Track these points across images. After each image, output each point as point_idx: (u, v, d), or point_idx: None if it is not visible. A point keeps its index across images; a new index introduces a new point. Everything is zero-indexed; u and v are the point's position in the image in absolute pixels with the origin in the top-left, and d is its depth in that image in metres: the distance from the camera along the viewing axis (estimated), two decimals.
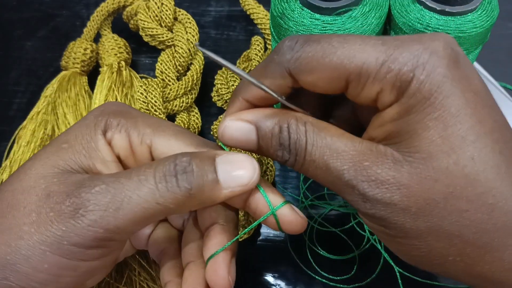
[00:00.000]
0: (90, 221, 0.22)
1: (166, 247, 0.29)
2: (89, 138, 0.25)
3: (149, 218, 0.23)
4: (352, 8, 0.29)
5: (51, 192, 0.22)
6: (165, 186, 0.22)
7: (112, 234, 0.22)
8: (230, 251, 0.26)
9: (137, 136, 0.25)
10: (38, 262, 0.22)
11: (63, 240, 0.22)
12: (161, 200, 0.22)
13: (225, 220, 0.27)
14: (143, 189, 0.22)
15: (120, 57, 0.44)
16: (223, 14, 0.52)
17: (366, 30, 0.29)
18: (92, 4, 0.53)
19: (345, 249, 0.37)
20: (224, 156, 0.24)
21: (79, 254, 0.22)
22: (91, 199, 0.22)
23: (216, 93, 0.42)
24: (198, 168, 0.23)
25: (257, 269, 0.36)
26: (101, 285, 0.34)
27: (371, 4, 0.30)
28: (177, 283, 0.27)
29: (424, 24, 0.29)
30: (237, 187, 0.24)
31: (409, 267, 0.35)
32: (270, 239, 0.38)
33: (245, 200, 0.26)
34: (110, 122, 0.25)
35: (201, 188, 0.23)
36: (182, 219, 0.30)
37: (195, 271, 0.27)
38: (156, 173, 0.23)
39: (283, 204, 0.25)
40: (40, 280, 0.22)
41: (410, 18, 0.30)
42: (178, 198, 0.22)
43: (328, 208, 0.38)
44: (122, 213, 0.22)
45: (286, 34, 0.30)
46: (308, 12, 0.30)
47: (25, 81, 0.48)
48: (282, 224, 0.25)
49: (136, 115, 0.26)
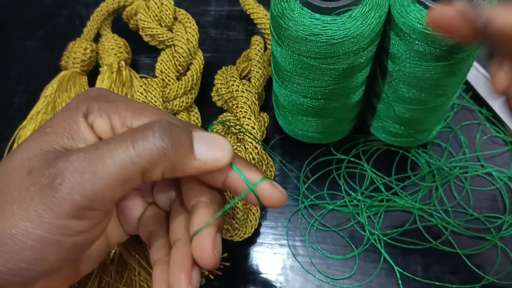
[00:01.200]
0: (67, 189, 0.22)
1: (155, 229, 0.30)
2: (71, 121, 0.25)
3: (125, 182, 0.23)
4: (352, 8, 0.29)
5: (32, 169, 0.23)
6: (142, 144, 0.23)
7: (90, 202, 0.22)
8: (214, 226, 0.26)
9: (118, 119, 0.26)
10: (22, 240, 0.22)
11: (44, 214, 0.22)
12: (136, 159, 0.22)
13: (210, 198, 0.27)
14: (118, 150, 0.22)
15: (120, 57, 0.44)
16: (223, 14, 0.52)
17: (366, 30, 0.29)
18: (92, 4, 0.53)
19: (345, 249, 0.37)
20: (201, 132, 0.25)
21: (61, 228, 0.22)
22: (68, 167, 0.22)
23: (216, 93, 0.42)
24: (175, 132, 0.24)
25: (257, 269, 0.36)
26: (101, 285, 0.34)
27: (371, 4, 0.30)
28: (165, 261, 0.28)
29: (424, 24, 0.29)
30: (210, 160, 0.25)
31: (409, 267, 0.35)
32: (270, 238, 0.38)
33: (223, 181, 0.26)
34: (92, 106, 0.26)
35: (176, 149, 0.23)
36: (169, 200, 0.30)
37: (182, 248, 0.27)
38: (133, 135, 0.23)
39: (262, 180, 0.26)
40: (26, 259, 0.22)
41: (410, 18, 0.30)
42: (153, 156, 0.23)
43: (328, 208, 0.38)
44: (98, 177, 0.22)
45: (286, 34, 0.30)
46: (308, 11, 0.30)
47: (25, 81, 0.48)
48: (263, 199, 0.26)
49: (118, 99, 0.27)
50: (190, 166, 0.24)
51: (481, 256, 0.36)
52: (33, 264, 0.22)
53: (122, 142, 0.23)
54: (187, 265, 0.26)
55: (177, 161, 0.24)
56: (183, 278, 0.26)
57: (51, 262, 0.23)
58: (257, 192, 0.26)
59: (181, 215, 0.29)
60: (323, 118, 0.37)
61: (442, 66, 0.31)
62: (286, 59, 0.32)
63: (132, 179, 0.23)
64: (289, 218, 0.38)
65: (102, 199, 0.23)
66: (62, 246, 0.23)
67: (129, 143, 0.23)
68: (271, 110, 0.43)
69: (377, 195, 0.39)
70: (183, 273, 0.26)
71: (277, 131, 0.43)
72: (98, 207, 0.23)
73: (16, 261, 0.22)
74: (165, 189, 0.30)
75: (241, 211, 0.34)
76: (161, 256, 0.28)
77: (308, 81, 0.33)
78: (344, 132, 0.41)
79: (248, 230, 0.36)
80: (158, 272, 0.27)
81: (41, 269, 0.23)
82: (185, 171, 0.25)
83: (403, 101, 0.35)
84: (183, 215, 0.29)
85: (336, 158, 0.41)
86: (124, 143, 0.23)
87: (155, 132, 0.23)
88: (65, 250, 0.23)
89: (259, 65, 0.42)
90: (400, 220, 0.38)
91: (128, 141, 0.23)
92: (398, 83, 0.34)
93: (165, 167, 0.24)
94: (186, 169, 0.24)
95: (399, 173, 0.40)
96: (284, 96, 0.37)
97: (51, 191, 0.22)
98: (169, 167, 0.24)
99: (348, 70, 0.32)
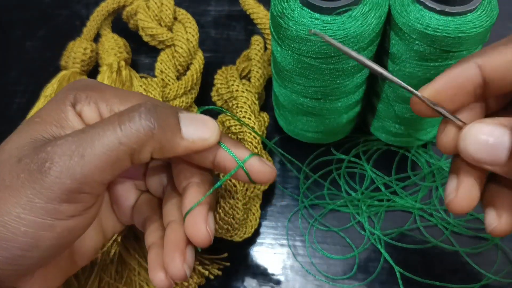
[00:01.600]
0: (57, 173, 0.22)
1: (149, 215, 0.30)
2: (59, 110, 0.25)
3: (114, 163, 0.23)
4: (352, 8, 0.29)
5: (22, 157, 0.23)
6: (128, 125, 0.23)
7: (80, 185, 0.22)
8: (206, 204, 0.27)
9: (105, 107, 0.26)
10: (15, 227, 0.22)
11: (35, 199, 0.22)
12: (124, 140, 0.23)
13: (200, 179, 0.28)
14: (106, 132, 0.23)
15: (120, 56, 0.44)
16: (223, 13, 0.52)
17: (366, 30, 0.29)
18: (92, 4, 0.53)
19: (345, 249, 0.37)
20: (186, 113, 0.25)
21: (53, 212, 0.22)
22: (57, 151, 0.22)
23: (216, 93, 0.42)
24: (161, 112, 0.24)
25: (257, 268, 0.36)
26: (101, 285, 0.34)
27: (370, 4, 0.30)
28: (159, 245, 0.28)
29: (424, 24, 0.29)
30: (198, 139, 0.25)
31: (409, 267, 0.35)
32: (270, 238, 0.38)
33: (212, 160, 0.27)
34: (79, 95, 0.26)
35: (163, 128, 0.24)
36: (162, 186, 0.31)
37: (175, 229, 0.27)
38: (120, 117, 0.23)
39: (250, 156, 0.26)
40: (21, 245, 0.22)
41: (409, 18, 0.30)
42: (141, 136, 0.23)
43: (328, 208, 0.38)
44: (87, 159, 0.22)
45: (286, 34, 0.30)
46: (308, 11, 0.30)
47: (25, 81, 0.48)
48: (252, 175, 0.27)
49: (104, 88, 0.27)
50: (178, 146, 0.25)
51: (481, 256, 0.36)
52: (28, 251, 0.22)
53: (109, 125, 0.23)
54: (181, 245, 0.27)
55: (164, 141, 0.24)
56: (177, 258, 0.26)
57: (45, 247, 0.23)
58: (246, 169, 0.26)
59: (174, 199, 0.29)
60: (323, 118, 0.37)
61: (442, 66, 0.31)
62: (286, 59, 0.32)
63: (120, 161, 0.23)
64: (289, 218, 0.38)
65: (91, 182, 0.23)
66: (55, 231, 0.23)
67: (116, 125, 0.23)
68: (271, 110, 0.43)
69: (377, 195, 0.39)
70: (177, 253, 0.26)
71: (277, 131, 0.43)
72: (88, 190, 0.23)
73: (11, 249, 0.22)
74: (157, 176, 0.30)
75: (241, 211, 0.34)
76: (155, 239, 0.28)
77: (308, 81, 0.33)
78: (344, 132, 0.41)
79: (248, 230, 0.36)
80: (152, 255, 0.28)
81: (36, 256, 0.23)
82: (173, 151, 0.25)
83: (403, 101, 0.35)
84: (175, 198, 0.29)
85: (336, 158, 0.41)
86: (111, 125, 0.23)
87: (141, 113, 0.23)
88: (58, 234, 0.23)
89: (259, 65, 0.42)
90: (400, 220, 0.38)
91: (115, 123, 0.23)
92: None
93: (153, 147, 0.24)
94: (174, 149, 0.25)
95: (399, 173, 0.40)
96: (284, 96, 0.37)
97: (40, 175, 0.22)
98: (157, 147, 0.24)
99: (348, 70, 0.32)
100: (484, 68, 0.23)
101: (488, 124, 0.22)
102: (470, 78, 0.24)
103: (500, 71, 0.23)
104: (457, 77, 0.24)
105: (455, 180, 0.25)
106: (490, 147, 0.22)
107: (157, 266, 0.27)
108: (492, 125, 0.22)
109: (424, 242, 0.37)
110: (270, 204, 0.39)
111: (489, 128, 0.22)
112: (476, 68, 0.23)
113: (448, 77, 0.24)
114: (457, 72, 0.24)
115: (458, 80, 0.24)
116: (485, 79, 0.24)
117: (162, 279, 0.27)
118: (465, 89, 0.24)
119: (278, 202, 0.39)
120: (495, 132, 0.22)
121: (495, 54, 0.23)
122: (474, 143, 0.22)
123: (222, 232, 0.34)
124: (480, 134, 0.22)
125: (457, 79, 0.24)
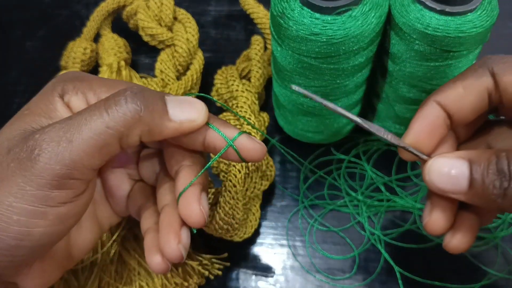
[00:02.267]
0: (46, 159, 0.22)
1: (144, 202, 0.30)
2: (48, 101, 0.26)
3: (102, 147, 0.23)
4: (352, 8, 0.29)
5: (11, 147, 0.23)
6: (115, 109, 0.23)
7: (70, 170, 0.22)
8: (199, 185, 0.27)
9: (93, 96, 0.26)
10: (7, 216, 0.22)
11: (26, 186, 0.22)
12: (111, 124, 0.23)
13: (191, 161, 0.28)
14: (93, 117, 0.23)
15: (120, 56, 0.44)
16: (222, 13, 0.52)
17: (366, 30, 0.29)
18: (92, 4, 0.53)
19: (345, 249, 0.37)
20: (173, 96, 0.26)
21: (44, 199, 0.22)
22: (45, 138, 0.22)
23: (216, 93, 0.42)
24: (148, 95, 0.24)
25: (257, 269, 0.36)
26: (101, 284, 0.34)
27: (371, 4, 0.30)
28: (154, 229, 0.28)
29: (424, 24, 0.29)
30: (186, 121, 0.25)
31: (409, 267, 0.35)
32: (270, 238, 0.38)
33: (202, 141, 0.27)
34: (67, 86, 0.26)
35: (150, 111, 0.24)
36: (155, 174, 0.31)
37: (169, 211, 0.28)
38: (106, 101, 0.23)
39: (239, 134, 0.27)
40: (14, 234, 0.22)
41: (410, 18, 0.30)
42: (128, 119, 0.23)
43: (328, 208, 0.38)
44: (75, 144, 0.22)
45: (286, 34, 0.30)
46: (308, 11, 0.29)
47: (25, 81, 0.48)
48: (242, 153, 0.27)
49: (91, 78, 0.27)
50: (166, 128, 0.25)
51: (481, 256, 0.36)
52: (22, 240, 0.22)
53: (96, 110, 0.23)
54: (175, 226, 0.27)
55: (152, 123, 0.24)
56: (172, 239, 0.26)
57: (39, 235, 0.23)
58: (236, 147, 0.27)
59: (167, 183, 0.29)
60: (323, 118, 0.37)
61: (442, 66, 0.31)
62: (286, 59, 0.32)
63: (109, 145, 0.23)
64: (289, 218, 0.38)
65: (80, 167, 0.23)
66: (47, 218, 0.23)
67: (102, 109, 0.23)
68: (271, 110, 0.43)
69: (377, 195, 0.39)
70: (172, 234, 0.26)
71: (277, 131, 0.43)
72: (78, 176, 0.23)
73: (5, 239, 0.22)
74: (149, 163, 0.31)
75: (241, 211, 0.34)
76: (150, 225, 0.29)
77: (308, 81, 0.33)
78: (344, 132, 0.41)
79: (248, 230, 0.36)
80: (148, 240, 0.28)
81: (30, 246, 0.23)
82: (161, 133, 0.25)
83: (403, 101, 0.35)
84: (168, 183, 0.29)
85: (336, 158, 0.41)
86: (97, 110, 0.23)
87: (127, 97, 0.23)
88: (51, 222, 0.23)
89: (259, 65, 0.42)
90: (400, 220, 0.38)
91: (102, 108, 0.23)
92: (398, 83, 0.34)
93: (141, 130, 0.24)
94: (162, 131, 0.25)
95: (399, 173, 0.40)
96: (284, 96, 0.37)
97: (30, 163, 0.22)
98: (145, 129, 0.24)
99: (348, 70, 0.32)
100: (443, 104, 0.26)
101: (449, 157, 0.24)
102: (436, 114, 0.26)
103: (456, 105, 0.26)
104: (426, 117, 0.26)
105: (429, 204, 0.27)
106: (452, 178, 0.24)
107: (153, 249, 0.27)
108: (453, 158, 0.24)
109: (424, 242, 0.37)
110: (270, 204, 0.39)
111: (450, 161, 0.24)
112: (435, 105, 0.26)
113: (420, 120, 0.27)
114: (425, 113, 0.26)
115: (429, 119, 0.26)
116: (447, 113, 0.26)
117: (159, 261, 0.27)
118: (436, 123, 0.26)
119: (278, 202, 0.39)
120: (455, 164, 0.24)
121: (448, 91, 0.26)
122: (438, 176, 0.25)
123: (222, 232, 0.34)
124: (442, 167, 0.24)
125: (427, 118, 0.26)
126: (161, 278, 0.34)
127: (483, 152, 0.24)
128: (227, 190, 0.33)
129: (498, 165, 0.22)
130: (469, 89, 0.26)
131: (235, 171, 0.34)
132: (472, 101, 0.26)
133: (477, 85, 0.25)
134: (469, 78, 0.26)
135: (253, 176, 0.36)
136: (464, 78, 0.26)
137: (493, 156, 0.23)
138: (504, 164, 0.22)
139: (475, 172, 0.23)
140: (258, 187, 0.36)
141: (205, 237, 0.35)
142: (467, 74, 0.26)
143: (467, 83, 0.26)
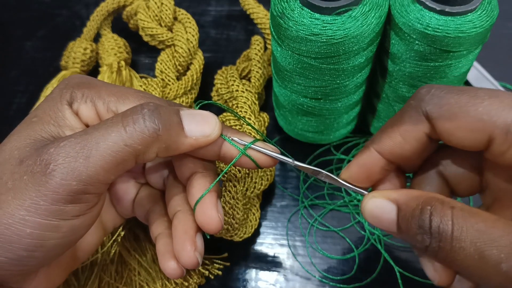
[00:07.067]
0: (62, 174, 0.22)
1: (151, 207, 0.30)
2: (56, 109, 0.25)
3: (119, 164, 0.23)
4: (352, 8, 0.29)
5: (23, 159, 0.23)
6: (133, 127, 0.23)
7: (86, 186, 0.22)
8: (214, 192, 0.27)
9: (102, 104, 0.26)
10: (20, 229, 0.22)
11: (40, 201, 0.22)
12: (129, 142, 0.23)
13: (204, 168, 0.28)
14: (111, 134, 0.23)
15: (120, 56, 0.44)
16: (223, 13, 0.52)
17: (366, 30, 0.29)
18: (92, 4, 0.53)
19: (345, 249, 0.37)
20: (187, 110, 0.26)
21: (58, 213, 0.22)
22: (60, 152, 0.22)
23: (216, 93, 0.42)
24: (164, 112, 0.24)
25: (257, 269, 0.36)
26: (101, 285, 0.34)
27: (371, 4, 0.30)
28: (167, 234, 0.29)
29: (424, 24, 0.29)
30: (201, 137, 0.25)
31: (409, 267, 0.35)
32: (270, 239, 0.38)
33: (217, 152, 0.27)
34: (75, 94, 0.26)
35: (167, 129, 0.24)
36: (162, 178, 0.31)
37: (183, 218, 0.28)
38: (124, 119, 0.23)
39: (252, 143, 0.27)
40: (26, 246, 0.22)
41: (410, 18, 0.30)
42: (146, 138, 0.23)
43: (328, 208, 0.38)
44: (92, 160, 0.22)
45: (286, 34, 0.30)
46: (308, 11, 0.29)
47: (25, 81, 0.48)
48: (257, 160, 0.27)
49: (100, 85, 0.27)
50: (182, 144, 0.25)
51: None
52: (34, 251, 0.22)
53: (114, 126, 0.23)
54: (190, 233, 0.27)
55: (169, 141, 0.24)
56: (189, 246, 0.27)
57: (50, 247, 0.23)
58: (250, 155, 0.27)
59: (177, 189, 0.29)
60: (323, 118, 0.37)
61: (442, 66, 0.31)
62: (286, 59, 0.32)
63: (126, 161, 0.23)
64: (289, 218, 0.38)
65: (96, 183, 0.23)
66: (60, 231, 0.23)
67: (120, 126, 0.23)
68: (271, 110, 0.43)
69: None
70: (188, 241, 0.27)
71: (277, 131, 0.43)
72: (92, 191, 0.23)
73: (16, 250, 0.22)
74: (157, 168, 0.31)
75: (241, 211, 0.34)
76: (162, 230, 0.29)
77: (308, 81, 0.33)
78: (344, 132, 0.41)
79: (248, 230, 0.36)
80: (161, 245, 0.28)
81: (42, 256, 0.23)
82: (178, 150, 0.25)
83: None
84: (178, 189, 0.29)
85: (336, 158, 0.41)
86: (115, 127, 0.23)
87: (145, 115, 0.23)
88: (63, 234, 0.23)
89: (259, 65, 0.42)
90: None
91: (119, 125, 0.23)
92: (398, 83, 0.34)
93: (159, 147, 0.24)
94: (179, 147, 0.25)
95: None
96: (284, 96, 0.37)
97: (45, 178, 0.22)
98: (163, 147, 0.24)
99: (348, 70, 0.32)
100: (381, 151, 0.26)
101: (381, 198, 0.24)
102: (374, 161, 0.26)
103: (396, 153, 0.25)
104: (364, 163, 0.26)
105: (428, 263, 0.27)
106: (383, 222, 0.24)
107: (167, 255, 0.27)
108: (384, 200, 0.24)
109: None
110: (270, 204, 0.39)
111: (381, 203, 0.24)
112: (375, 152, 0.26)
113: (357, 164, 0.27)
114: (363, 158, 0.26)
115: (366, 165, 0.26)
116: (387, 159, 0.26)
117: (174, 267, 0.27)
118: (374, 169, 0.26)
119: (278, 202, 0.39)
120: (385, 209, 0.24)
121: (386, 140, 0.25)
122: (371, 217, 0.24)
123: (222, 232, 0.34)
124: (374, 210, 0.24)
125: (365, 164, 0.26)
126: (161, 278, 0.34)
127: (411, 200, 0.23)
128: (227, 190, 0.33)
129: (420, 221, 0.21)
130: (407, 137, 0.25)
131: (235, 171, 0.34)
132: (412, 147, 0.25)
133: (415, 132, 0.24)
134: (406, 124, 0.25)
135: (253, 176, 0.36)
136: (400, 124, 0.25)
137: (417, 210, 0.22)
138: (426, 221, 0.21)
139: (401, 221, 0.23)
140: (258, 187, 0.36)
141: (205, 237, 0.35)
142: (403, 119, 0.25)
143: (404, 129, 0.25)
